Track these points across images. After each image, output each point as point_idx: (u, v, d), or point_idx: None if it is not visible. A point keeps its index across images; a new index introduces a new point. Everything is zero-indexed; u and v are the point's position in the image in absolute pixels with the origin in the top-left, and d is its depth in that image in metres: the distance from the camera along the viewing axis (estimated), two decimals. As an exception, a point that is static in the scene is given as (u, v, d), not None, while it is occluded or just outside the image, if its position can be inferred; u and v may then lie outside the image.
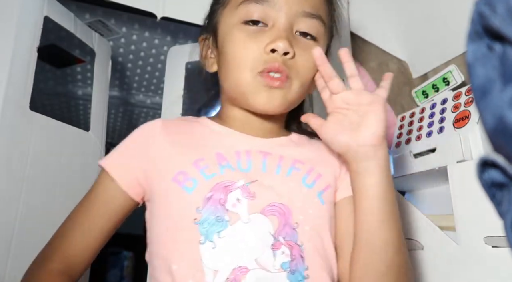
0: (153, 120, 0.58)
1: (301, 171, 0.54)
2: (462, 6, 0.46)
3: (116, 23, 1.04)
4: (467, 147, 0.64)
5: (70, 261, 0.51)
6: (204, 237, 0.47)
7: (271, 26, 0.53)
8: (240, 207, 0.49)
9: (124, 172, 0.53)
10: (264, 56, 0.52)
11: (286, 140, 0.59)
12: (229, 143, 0.55)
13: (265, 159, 0.54)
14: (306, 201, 0.52)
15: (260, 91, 0.52)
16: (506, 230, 0.23)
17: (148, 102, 1.47)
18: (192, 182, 0.50)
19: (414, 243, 0.66)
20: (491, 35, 0.21)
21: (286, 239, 0.48)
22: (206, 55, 0.61)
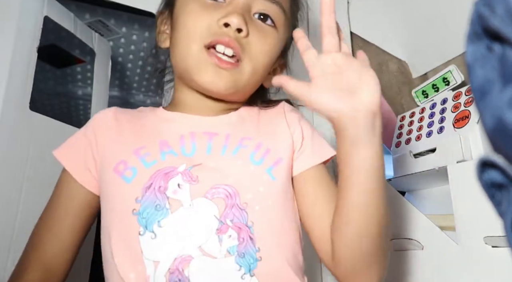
0: (107, 109, 0.56)
1: (248, 148, 0.51)
2: (462, 7, 0.46)
3: (116, 23, 1.04)
4: (467, 147, 0.64)
5: (48, 267, 0.49)
6: (143, 227, 0.44)
7: (229, 2, 0.51)
8: (181, 193, 0.46)
9: (78, 165, 0.51)
10: (215, 28, 0.49)
11: (235, 116, 0.55)
12: (174, 128, 0.52)
13: (210, 141, 0.51)
14: (254, 179, 0.49)
15: (206, 69, 0.49)
16: (506, 230, 0.23)
17: (148, 102, 1.47)
18: (131, 171, 0.47)
19: (414, 243, 0.66)
20: (491, 36, 0.21)
21: (234, 222, 0.46)
22: (161, 30, 0.58)
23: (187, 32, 0.50)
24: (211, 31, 0.49)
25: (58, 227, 0.51)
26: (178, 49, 0.52)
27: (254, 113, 0.57)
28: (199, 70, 0.50)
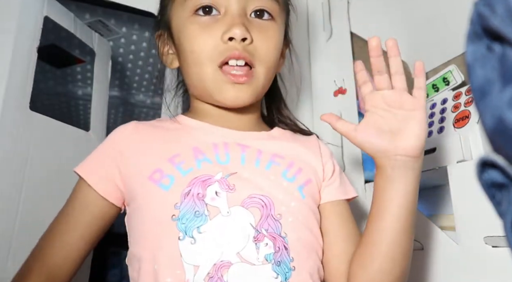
0: (127, 123, 0.57)
1: (281, 166, 0.53)
2: (462, 7, 0.46)
3: (116, 23, 1.04)
4: (467, 147, 0.64)
5: (52, 272, 0.50)
6: (183, 233, 0.45)
7: (224, 13, 0.52)
8: (219, 201, 0.47)
9: (100, 178, 0.52)
10: (222, 46, 0.50)
11: (266, 135, 0.57)
12: (206, 137, 0.53)
13: (243, 152, 0.52)
14: (287, 194, 0.51)
15: (226, 88, 0.51)
16: (506, 230, 0.23)
17: (148, 102, 1.47)
18: (168, 178, 0.48)
19: (414, 243, 0.66)
20: (491, 35, 0.21)
21: (268, 231, 0.47)
22: (164, 52, 0.59)
23: (196, 57, 0.51)
24: (219, 50, 0.50)
25: (69, 235, 0.51)
26: (192, 73, 0.53)
27: (287, 135, 0.59)
28: (219, 91, 0.51)
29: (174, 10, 0.55)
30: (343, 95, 0.87)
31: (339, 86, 0.88)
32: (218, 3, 0.52)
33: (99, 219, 0.53)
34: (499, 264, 0.53)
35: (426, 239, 0.65)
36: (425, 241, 0.65)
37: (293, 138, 0.59)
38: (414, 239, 0.66)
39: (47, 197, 0.68)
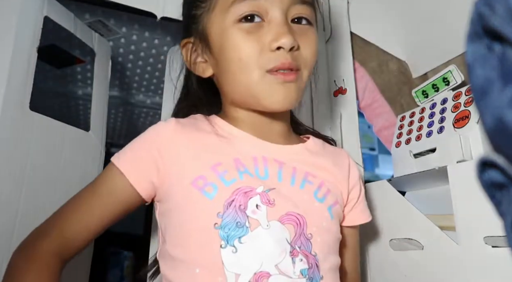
0: (167, 120, 0.57)
1: (313, 185, 0.55)
2: (462, 6, 0.46)
3: (116, 23, 1.04)
4: (467, 147, 0.64)
5: (65, 242, 0.51)
6: (225, 241, 0.47)
7: (268, 21, 0.53)
8: (260, 214, 0.49)
9: (138, 173, 0.53)
10: (269, 53, 0.51)
11: (301, 148, 0.59)
12: (245, 148, 0.54)
13: (280, 169, 0.54)
14: (319, 214, 0.53)
15: (275, 89, 0.52)
16: (506, 230, 0.23)
17: (148, 102, 1.47)
18: (212, 187, 0.50)
19: (414, 243, 0.66)
20: (491, 35, 0.21)
21: (301, 248, 0.49)
22: (193, 61, 0.59)
23: (243, 64, 0.52)
24: (266, 57, 0.51)
25: (91, 212, 0.53)
26: (237, 80, 0.54)
27: (319, 147, 0.61)
28: (268, 94, 0.52)
29: (213, 18, 0.55)
30: (343, 95, 0.87)
31: (339, 86, 0.88)
32: (262, 11, 0.53)
33: (122, 206, 0.54)
34: (499, 264, 0.53)
35: (426, 239, 0.65)
36: (425, 241, 0.65)
37: (324, 152, 0.61)
38: (414, 239, 0.66)
39: (47, 197, 0.68)
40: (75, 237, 0.52)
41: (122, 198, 0.53)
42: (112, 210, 0.53)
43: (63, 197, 0.70)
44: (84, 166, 0.76)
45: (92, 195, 0.54)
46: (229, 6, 0.53)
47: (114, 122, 1.67)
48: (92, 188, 0.55)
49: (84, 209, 0.53)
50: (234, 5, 0.52)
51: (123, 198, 0.53)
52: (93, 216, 0.53)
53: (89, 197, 0.54)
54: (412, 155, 0.75)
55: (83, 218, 0.52)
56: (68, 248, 0.51)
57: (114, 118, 1.63)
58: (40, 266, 0.48)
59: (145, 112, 1.57)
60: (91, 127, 0.80)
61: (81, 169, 0.75)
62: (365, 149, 2.17)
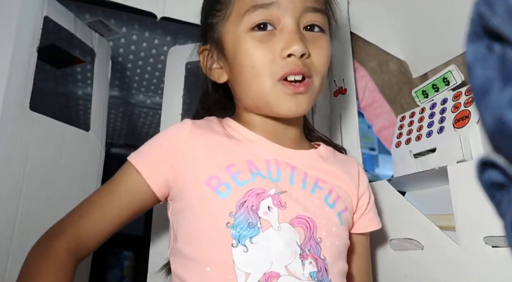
0: (183, 121, 0.58)
1: (323, 190, 0.56)
2: (462, 6, 0.46)
3: (116, 23, 1.04)
4: (467, 147, 0.64)
5: (80, 241, 0.52)
6: (236, 241, 0.48)
7: (280, 28, 0.54)
8: (271, 215, 0.50)
9: (154, 172, 0.54)
10: (281, 61, 0.53)
11: (313, 154, 0.60)
12: (258, 151, 0.56)
13: (292, 173, 0.55)
14: (329, 219, 0.54)
15: (285, 99, 0.53)
16: (506, 230, 0.23)
17: (148, 102, 1.47)
18: (225, 187, 0.51)
19: (414, 243, 0.66)
20: (491, 35, 0.21)
21: (310, 252, 0.50)
22: (209, 66, 0.61)
23: (255, 72, 0.53)
24: (278, 65, 0.52)
25: (108, 211, 0.53)
26: (250, 86, 0.55)
27: (331, 155, 0.62)
28: (279, 102, 0.53)
29: (228, 26, 0.57)
30: (343, 95, 0.88)
31: (339, 86, 0.88)
32: (274, 19, 0.54)
33: (138, 205, 0.55)
34: (499, 264, 0.53)
35: (426, 239, 0.65)
36: (425, 241, 0.65)
37: (335, 160, 0.62)
38: (414, 239, 0.66)
39: (47, 197, 0.68)
40: (90, 236, 0.52)
41: (137, 197, 0.54)
42: (127, 210, 0.54)
43: (63, 197, 0.70)
44: (84, 166, 0.76)
45: (109, 194, 0.55)
46: (242, 15, 0.54)
47: (114, 122, 1.67)
48: (108, 188, 0.55)
49: (100, 209, 0.53)
50: (247, 14, 0.54)
51: (139, 196, 0.54)
52: (109, 216, 0.53)
53: (105, 197, 0.54)
54: (412, 155, 0.75)
55: (99, 217, 0.53)
56: (83, 247, 0.52)
57: (114, 118, 1.63)
58: (56, 265, 0.49)
59: (145, 112, 1.57)
60: (91, 127, 0.80)
61: (81, 169, 0.75)
62: (365, 149, 2.17)
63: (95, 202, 0.54)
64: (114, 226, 0.54)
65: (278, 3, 0.53)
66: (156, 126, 1.68)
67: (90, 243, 0.53)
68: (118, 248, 2.01)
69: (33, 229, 0.64)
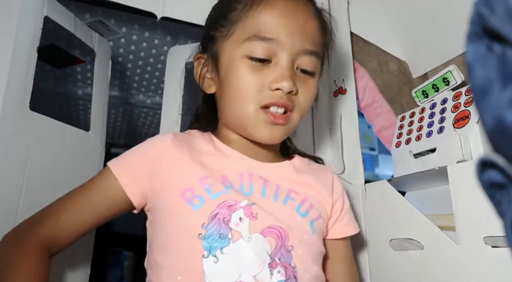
0: (165, 134, 0.60)
1: (295, 201, 0.58)
2: (462, 6, 0.46)
3: (116, 23, 1.04)
4: (467, 147, 0.64)
5: (53, 238, 0.52)
6: (207, 251, 0.49)
7: (275, 63, 0.55)
8: (242, 226, 0.52)
9: (132, 181, 0.55)
10: (268, 92, 0.55)
11: (287, 166, 0.62)
12: (233, 165, 0.57)
13: (265, 186, 0.57)
14: (300, 228, 0.56)
15: (264, 127, 0.55)
16: (506, 230, 0.23)
17: (148, 102, 1.47)
18: (199, 199, 0.52)
19: (414, 243, 0.66)
20: (491, 35, 0.21)
21: (281, 260, 0.52)
22: (202, 74, 0.63)
23: (242, 96, 0.55)
24: (264, 94, 0.55)
25: (81, 215, 0.54)
26: (233, 108, 0.57)
27: (305, 166, 0.64)
28: (257, 129, 0.56)
29: (227, 46, 0.58)
30: (343, 95, 0.87)
31: (339, 86, 0.88)
32: (272, 54, 0.55)
33: (113, 209, 0.56)
34: (499, 264, 0.53)
35: (426, 239, 0.65)
36: (425, 241, 0.65)
37: (309, 170, 0.64)
38: (414, 239, 0.66)
39: (47, 197, 0.67)
40: (64, 233, 0.53)
41: (113, 202, 0.55)
42: (102, 212, 0.55)
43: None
44: (84, 166, 0.76)
45: (86, 194, 0.56)
46: (243, 40, 0.56)
47: (114, 122, 1.67)
48: (85, 188, 0.56)
49: (76, 207, 0.54)
50: (248, 41, 0.56)
51: (114, 201, 0.55)
52: (84, 215, 0.54)
53: (82, 196, 0.55)
54: (412, 155, 0.75)
55: (74, 215, 0.54)
56: (55, 243, 0.53)
57: (114, 118, 1.63)
58: (29, 255, 0.49)
59: (145, 112, 1.57)
60: (91, 127, 0.80)
61: (81, 169, 0.75)
62: (365, 149, 2.17)
63: (72, 200, 0.55)
64: (88, 226, 0.55)
65: (279, 40, 0.55)
66: (156, 126, 1.68)
67: (63, 239, 0.53)
68: (118, 248, 2.01)
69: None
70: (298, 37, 0.56)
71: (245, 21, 0.56)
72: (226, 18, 0.59)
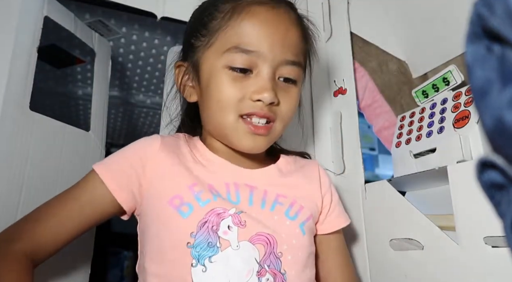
0: (152, 136, 0.59)
1: (283, 205, 0.57)
2: (462, 6, 0.46)
3: (116, 23, 1.04)
4: (467, 147, 0.64)
5: (38, 246, 0.51)
6: (196, 260, 0.49)
7: (256, 73, 0.55)
8: (231, 234, 0.52)
9: (120, 186, 0.54)
10: (249, 102, 0.54)
11: (273, 170, 0.62)
12: (219, 174, 0.57)
13: (251, 193, 0.57)
14: (289, 232, 0.55)
15: (245, 136, 0.55)
16: (505, 230, 0.23)
17: (148, 102, 1.47)
18: (187, 207, 0.52)
19: (414, 243, 0.66)
20: (490, 36, 0.21)
21: (270, 267, 0.52)
22: (183, 82, 0.62)
23: (222, 105, 0.55)
24: (245, 104, 0.54)
25: (67, 217, 0.53)
26: (213, 117, 0.57)
27: (291, 165, 0.64)
28: (238, 138, 0.56)
29: (207, 56, 0.57)
30: (343, 95, 0.87)
31: (339, 86, 0.88)
32: (253, 65, 0.55)
33: (100, 215, 0.55)
34: (499, 264, 0.53)
35: (426, 239, 0.65)
36: (425, 241, 0.65)
37: (295, 168, 0.64)
38: (414, 239, 0.66)
39: (47, 197, 0.67)
40: (48, 242, 0.51)
41: (100, 207, 0.54)
42: (90, 219, 0.54)
43: (63, 197, 0.70)
44: (84, 166, 0.76)
45: (71, 201, 0.54)
46: (224, 51, 0.55)
47: (114, 122, 1.67)
48: (70, 194, 0.55)
49: (61, 215, 0.53)
50: (228, 52, 0.55)
51: (101, 206, 0.54)
52: (68, 222, 0.53)
53: (67, 203, 0.54)
54: (412, 155, 0.75)
55: (57, 223, 0.52)
56: (39, 253, 0.51)
57: (114, 118, 1.63)
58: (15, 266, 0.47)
59: (145, 112, 1.57)
60: (91, 127, 0.80)
61: (81, 169, 0.75)
62: (365, 149, 2.17)
63: (54, 206, 0.53)
64: (72, 233, 0.53)
65: (259, 53, 0.54)
66: (156, 126, 1.68)
67: (48, 248, 0.51)
68: (118, 248, 2.01)
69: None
70: (279, 48, 0.55)
71: (225, 31, 0.56)
72: (206, 27, 0.58)
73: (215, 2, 0.59)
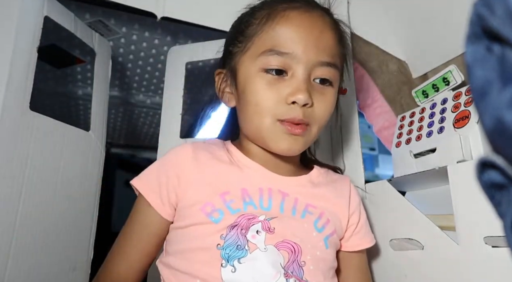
0: (184, 145, 0.61)
1: (313, 215, 0.59)
2: (462, 6, 0.46)
3: (116, 23, 1.04)
4: (467, 147, 0.64)
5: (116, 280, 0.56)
6: (226, 261, 0.51)
7: (291, 75, 0.56)
8: (258, 239, 0.53)
9: (162, 200, 0.57)
10: (284, 105, 0.55)
11: (305, 180, 0.63)
12: (253, 179, 0.59)
13: (283, 200, 0.58)
14: (315, 244, 0.57)
15: (282, 138, 0.56)
16: (505, 230, 0.23)
17: (148, 102, 1.47)
18: (218, 213, 0.54)
19: (414, 243, 0.66)
20: (490, 36, 0.21)
21: (293, 274, 0.53)
22: (222, 89, 0.64)
23: (259, 109, 0.56)
24: (281, 108, 0.55)
25: (131, 250, 0.58)
26: (251, 121, 0.58)
27: (323, 178, 0.65)
28: (275, 141, 0.57)
29: (244, 60, 0.59)
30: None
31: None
32: (287, 67, 0.56)
33: (158, 235, 0.58)
34: (499, 264, 0.53)
35: (426, 239, 0.65)
36: (425, 241, 0.65)
37: (327, 182, 0.65)
38: (414, 239, 0.66)
39: (47, 197, 0.68)
40: (125, 275, 0.57)
41: (157, 229, 0.58)
42: (150, 241, 0.58)
43: (63, 197, 0.70)
44: (84, 166, 0.76)
45: (130, 234, 0.58)
46: (258, 54, 0.57)
47: (114, 122, 1.67)
48: (129, 228, 0.59)
49: (126, 248, 0.58)
50: (263, 55, 0.56)
51: (157, 228, 0.58)
52: (136, 252, 0.57)
53: (128, 237, 0.58)
54: (412, 155, 0.75)
55: (126, 257, 0.57)
56: None
57: (114, 118, 1.63)
58: None
59: (145, 112, 1.57)
60: (91, 127, 0.80)
61: (81, 169, 0.75)
62: (365, 149, 2.17)
63: (118, 245, 0.59)
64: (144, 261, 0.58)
65: (293, 54, 0.55)
66: (156, 126, 1.68)
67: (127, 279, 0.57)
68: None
69: (33, 229, 0.64)
70: (313, 50, 0.56)
71: (260, 35, 0.57)
72: (243, 33, 0.60)
73: (252, 11, 0.61)
